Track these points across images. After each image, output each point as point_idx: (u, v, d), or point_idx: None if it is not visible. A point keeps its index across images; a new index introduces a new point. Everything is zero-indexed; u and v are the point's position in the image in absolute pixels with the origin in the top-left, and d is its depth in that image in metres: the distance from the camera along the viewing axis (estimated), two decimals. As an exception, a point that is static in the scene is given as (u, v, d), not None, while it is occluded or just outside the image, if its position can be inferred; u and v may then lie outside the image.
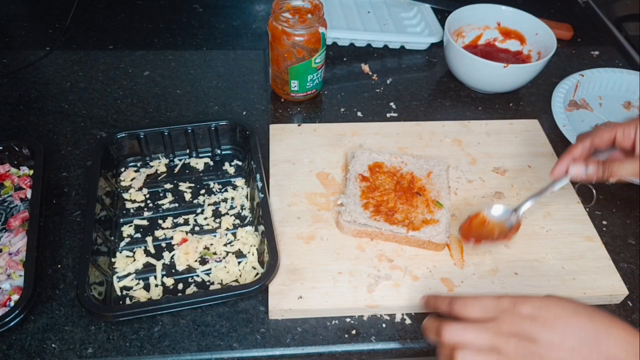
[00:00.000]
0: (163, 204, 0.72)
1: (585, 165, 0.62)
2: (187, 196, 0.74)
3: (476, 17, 0.97)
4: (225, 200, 0.73)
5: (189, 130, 0.76)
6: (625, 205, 0.76)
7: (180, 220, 0.70)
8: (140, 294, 0.63)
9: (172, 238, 0.68)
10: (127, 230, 0.69)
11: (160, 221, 0.70)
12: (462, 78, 0.92)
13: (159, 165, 0.77)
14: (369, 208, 0.69)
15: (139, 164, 0.77)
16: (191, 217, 0.71)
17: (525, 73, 0.87)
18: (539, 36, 0.93)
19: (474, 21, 0.97)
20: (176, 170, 0.77)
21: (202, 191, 0.74)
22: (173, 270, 0.65)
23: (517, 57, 0.95)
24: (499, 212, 0.68)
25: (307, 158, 0.77)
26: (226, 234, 0.69)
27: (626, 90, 0.93)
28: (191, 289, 0.63)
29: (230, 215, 0.71)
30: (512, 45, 0.97)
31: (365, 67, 0.97)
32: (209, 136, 0.77)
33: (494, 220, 0.67)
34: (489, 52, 0.96)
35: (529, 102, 0.92)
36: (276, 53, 0.82)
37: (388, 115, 0.88)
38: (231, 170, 0.77)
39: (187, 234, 0.69)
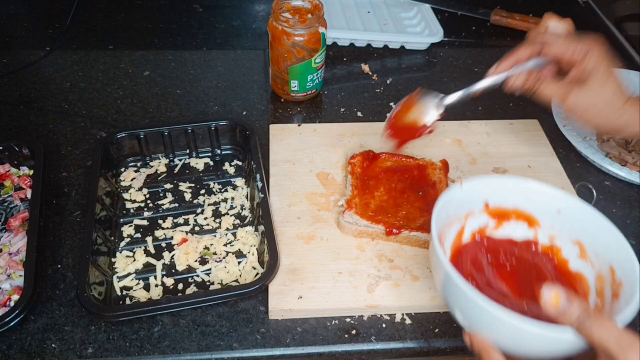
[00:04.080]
0: (163, 204, 0.72)
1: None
2: (187, 196, 0.74)
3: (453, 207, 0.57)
4: (225, 200, 0.73)
5: (189, 130, 0.76)
6: (625, 205, 0.76)
7: (180, 220, 0.70)
8: (140, 294, 0.63)
9: (172, 238, 0.68)
10: (127, 230, 0.69)
11: (160, 221, 0.70)
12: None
13: (159, 165, 0.77)
14: (370, 208, 0.68)
15: (139, 164, 0.77)
16: (191, 217, 0.71)
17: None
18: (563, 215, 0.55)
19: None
20: (176, 170, 0.77)
21: (202, 191, 0.74)
22: (173, 270, 0.65)
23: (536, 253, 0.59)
24: (428, 97, 0.68)
25: (307, 158, 0.77)
26: (226, 234, 0.69)
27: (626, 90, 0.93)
28: (191, 289, 0.63)
29: (230, 215, 0.71)
30: (515, 229, 0.60)
31: (365, 67, 0.97)
32: (209, 136, 0.77)
33: (420, 106, 0.68)
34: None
35: (529, 102, 0.92)
36: (276, 53, 0.82)
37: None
38: (231, 170, 0.77)
39: (187, 234, 0.69)
